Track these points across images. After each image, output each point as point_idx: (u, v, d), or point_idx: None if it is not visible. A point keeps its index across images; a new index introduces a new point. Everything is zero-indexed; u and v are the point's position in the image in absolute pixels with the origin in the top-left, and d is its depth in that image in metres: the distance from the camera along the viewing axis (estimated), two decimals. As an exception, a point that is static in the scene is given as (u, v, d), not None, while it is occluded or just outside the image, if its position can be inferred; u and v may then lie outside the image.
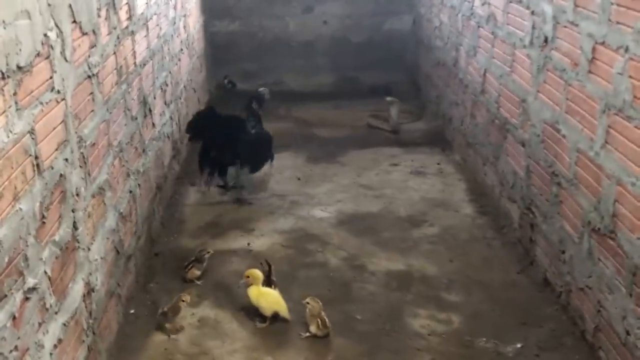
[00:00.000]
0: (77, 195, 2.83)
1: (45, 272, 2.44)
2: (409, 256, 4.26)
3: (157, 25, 4.68)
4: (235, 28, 7.85)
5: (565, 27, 3.48)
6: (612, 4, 2.95)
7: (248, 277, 3.66)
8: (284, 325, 3.56)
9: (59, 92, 2.63)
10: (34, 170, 2.37)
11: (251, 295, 3.61)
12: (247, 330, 3.52)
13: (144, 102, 4.17)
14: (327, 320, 3.44)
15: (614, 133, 2.98)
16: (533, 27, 3.93)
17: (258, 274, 3.67)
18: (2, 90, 2.12)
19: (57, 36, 2.62)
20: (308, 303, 3.48)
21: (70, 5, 2.78)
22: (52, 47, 2.55)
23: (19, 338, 2.19)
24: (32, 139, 2.35)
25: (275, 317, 3.57)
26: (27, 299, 2.27)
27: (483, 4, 4.94)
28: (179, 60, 5.58)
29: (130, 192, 3.79)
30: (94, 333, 2.99)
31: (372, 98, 7.22)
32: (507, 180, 4.49)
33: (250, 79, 7.75)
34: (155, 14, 4.59)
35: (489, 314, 3.65)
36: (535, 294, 3.81)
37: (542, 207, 3.88)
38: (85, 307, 2.89)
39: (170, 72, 5.12)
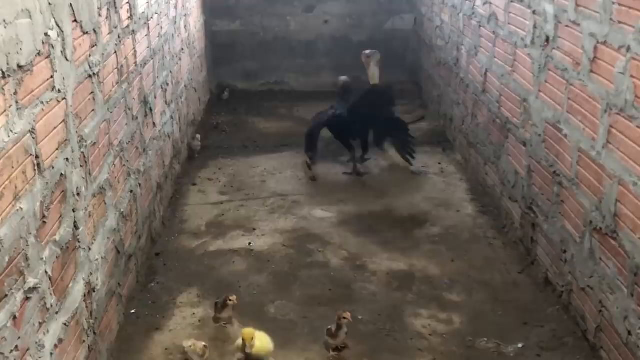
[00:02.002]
0: (78, 194, 2.82)
1: (46, 272, 2.44)
2: (411, 256, 4.25)
3: (158, 24, 4.67)
4: (236, 27, 7.83)
5: (566, 26, 3.47)
6: (613, 3, 2.94)
7: (252, 338, 3.17)
8: (286, 326, 3.55)
9: (59, 91, 2.62)
10: (34, 170, 2.37)
11: (263, 350, 3.23)
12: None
13: (144, 102, 4.17)
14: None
15: (615, 133, 2.98)
16: (534, 27, 3.92)
17: (252, 330, 3.24)
18: (3, 89, 2.11)
19: (58, 35, 2.61)
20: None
21: (71, 5, 2.77)
22: (52, 47, 2.55)
23: (19, 338, 2.18)
24: (33, 138, 2.35)
25: None
26: (27, 298, 2.27)
27: (484, 4, 4.93)
28: (180, 59, 5.58)
29: (131, 191, 3.78)
30: (94, 333, 2.99)
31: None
32: (509, 180, 4.48)
33: (251, 79, 7.75)
34: (156, 13, 4.58)
35: (490, 314, 3.65)
36: (537, 293, 3.81)
37: (543, 207, 3.87)
38: (86, 307, 2.89)
39: (171, 72, 5.12)
